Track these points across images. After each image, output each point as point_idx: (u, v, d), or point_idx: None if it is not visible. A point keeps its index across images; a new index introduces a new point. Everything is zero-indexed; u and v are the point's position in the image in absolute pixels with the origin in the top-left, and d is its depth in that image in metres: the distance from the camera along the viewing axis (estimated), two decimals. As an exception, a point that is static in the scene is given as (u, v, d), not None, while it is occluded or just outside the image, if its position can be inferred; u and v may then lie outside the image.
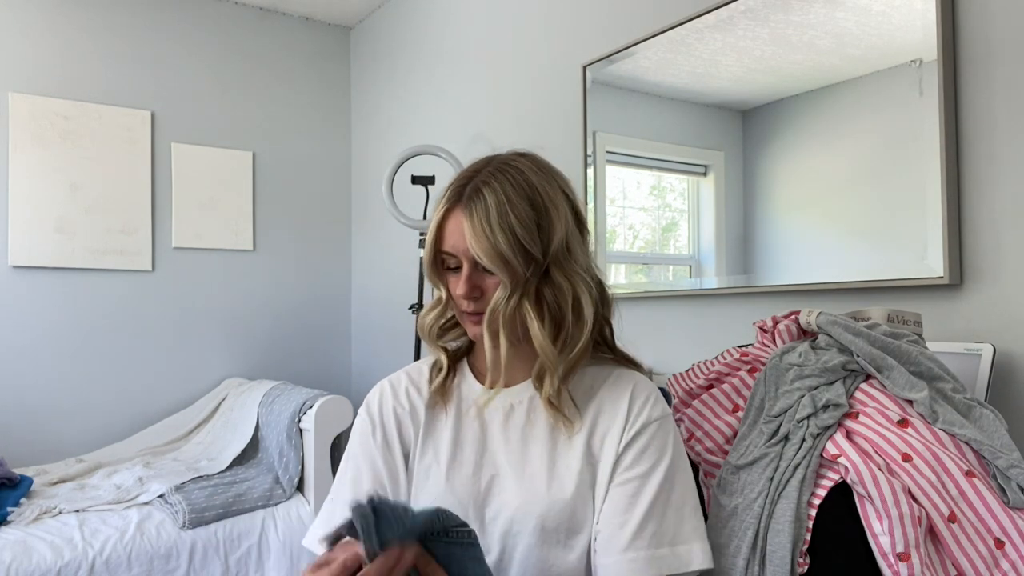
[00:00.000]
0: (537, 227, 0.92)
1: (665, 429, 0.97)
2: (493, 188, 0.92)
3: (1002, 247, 1.28)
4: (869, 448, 0.96)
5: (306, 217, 3.44)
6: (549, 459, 0.95)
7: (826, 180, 1.54)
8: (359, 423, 1.06)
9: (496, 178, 0.94)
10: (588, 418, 0.97)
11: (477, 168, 0.98)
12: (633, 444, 0.94)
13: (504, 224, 0.90)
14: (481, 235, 0.90)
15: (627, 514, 0.91)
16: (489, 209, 0.90)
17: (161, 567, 2.05)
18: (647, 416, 0.96)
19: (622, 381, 1.00)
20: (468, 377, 1.05)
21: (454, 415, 1.02)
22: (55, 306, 2.85)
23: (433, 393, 1.04)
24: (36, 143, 2.81)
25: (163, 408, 3.04)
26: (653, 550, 0.89)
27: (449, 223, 0.95)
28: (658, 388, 1.02)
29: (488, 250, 0.90)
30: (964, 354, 1.24)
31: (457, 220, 0.94)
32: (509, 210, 0.91)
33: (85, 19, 2.94)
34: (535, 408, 0.99)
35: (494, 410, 1.00)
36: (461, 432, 1.00)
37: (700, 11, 1.78)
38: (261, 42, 3.33)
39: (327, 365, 3.48)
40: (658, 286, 1.95)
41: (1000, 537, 0.91)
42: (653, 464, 0.93)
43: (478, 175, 0.95)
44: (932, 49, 1.34)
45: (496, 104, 2.57)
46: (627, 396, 0.98)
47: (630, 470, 0.93)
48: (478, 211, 0.91)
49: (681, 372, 1.26)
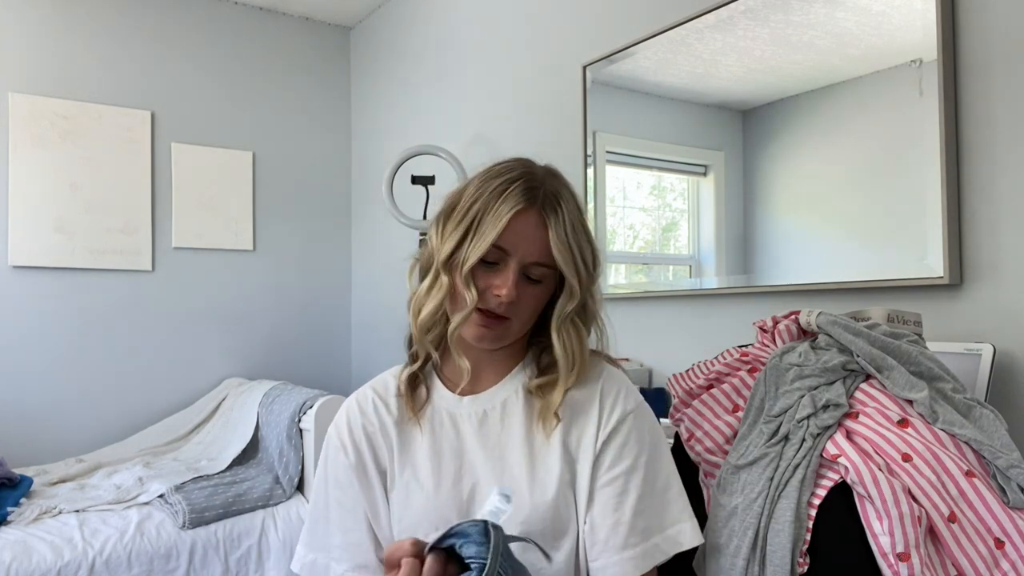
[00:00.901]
0: (591, 248, 0.98)
1: (640, 418, 0.97)
2: (566, 201, 0.95)
3: (1002, 247, 1.28)
4: (869, 448, 0.96)
5: (306, 217, 3.44)
6: (528, 463, 0.95)
7: (826, 180, 1.54)
8: (331, 448, 1.02)
9: (563, 192, 0.96)
10: (565, 417, 0.97)
11: (529, 169, 0.97)
12: (611, 441, 0.95)
13: (579, 240, 0.95)
14: (565, 243, 0.93)
15: (618, 512, 0.91)
16: (567, 220, 0.94)
17: (161, 567, 2.05)
18: (621, 410, 0.96)
19: (591, 375, 1.00)
20: (438, 386, 1.03)
21: (428, 427, 1.00)
22: (55, 306, 2.85)
23: (405, 406, 1.01)
24: (36, 143, 2.81)
25: (163, 408, 3.04)
26: (647, 542, 0.91)
27: (518, 222, 0.92)
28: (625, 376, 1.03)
29: (569, 260, 0.93)
30: (964, 354, 1.24)
31: (529, 221, 0.93)
32: (583, 229, 0.97)
33: (85, 19, 2.94)
34: (508, 412, 0.99)
35: (467, 417, 0.99)
36: (437, 443, 0.98)
37: (700, 11, 1.78)
38: (261, 42, 3.33)
39: (327, 365, 3.48)
40: (658, 286, 1.95)
41: (1000, 537, 0.91)
42: (635, 457, 0.94)
43: (540, 180, 0.95)
44: (932, 49, 1.34)
45: (496, 104, 2.57)
46: (597, 392, 0.98)
47: (613, 468, 0.94)
48: (559, 220, 0.93)
49: (681, 372, 1.26)
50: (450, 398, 1.02)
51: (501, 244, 0.92)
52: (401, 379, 1.04)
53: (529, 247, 0.93)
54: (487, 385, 1.02)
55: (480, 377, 1.01)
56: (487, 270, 0.94)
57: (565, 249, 0.93)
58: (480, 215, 0.93)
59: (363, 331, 3.47)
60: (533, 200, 0.93)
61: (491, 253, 0.93)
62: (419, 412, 1.01)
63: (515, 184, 0.93)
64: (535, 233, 0.93)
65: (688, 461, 1.15)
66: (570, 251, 0.93)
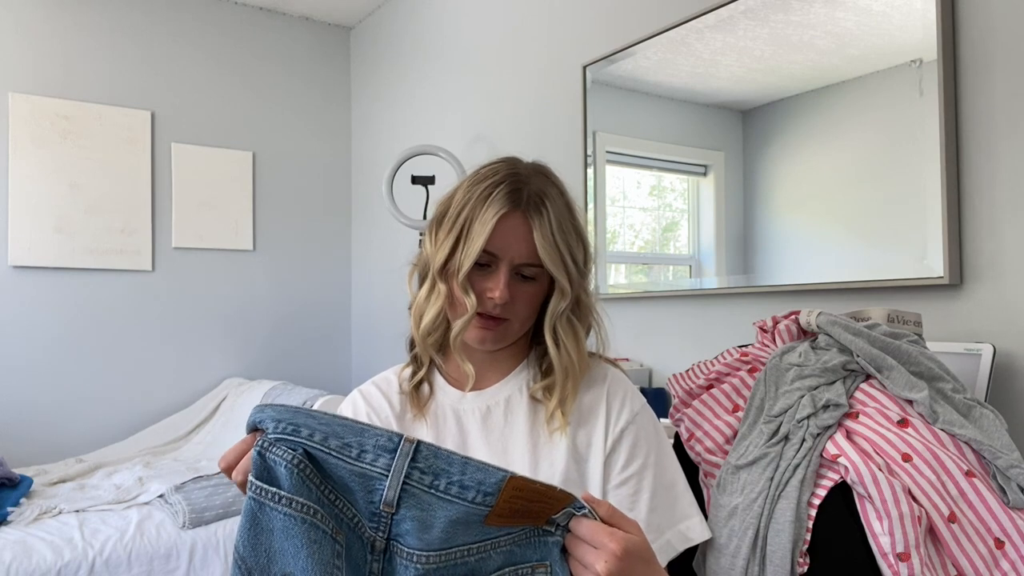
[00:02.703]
0: (581, 244, 0.98)
1: (646, 419, 0.99)
2: (552, 199, 0.95)
3: (1002, 247, 1.28)
4: (869, 448, 0.96)
5: (306, 217, 3.44)
6: (532, 459, 0.95)
7: (826, 180, 1.54)
8: None
9: (549, 190, 0.96)
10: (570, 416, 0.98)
11: (515, 169, 0.97)
12: (621, 443, 0.96)
13: (567, 238, 0.95)
14: (551, 243, 0.93)
15: (633, 512, 0.93)
16: (553, 220, 0.93)
17: (161, 567, 2.05)
18: (629, 412, 0.98)
19: (596, 377, 1.01)
20: (441, 383, 1.04)
21: (432, 422, 1.01)
22: (55, 306, 2.85)
23: (409, 404, 1.03)
24: (36, 143, 2.81)
25: (163, 408, 3.04)
26: (661, 538, 0.93)
27: (505, 225, 0.93)
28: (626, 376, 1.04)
29: (557, 260, 0.93)
30: (964, 354, 1.24)
31: (515, 223, 0.93)
32: (572, 225, 0.96)
33: (85, 19, 2.94)
34: (512, 409, 1.00)
35: (471, 412, 1.00)
36: (440, 438, 1.00)
37: (700, 11, 1.78)
38: (261, 42, 3.33)
39: (327, 365, 3.48)
40: (658, 286, 1.95)
41: (1000, 537, 0.91)
42: (645, 458, 0.96)
43: (525, 181, 0.95)
44: (932, 49, 1.34)
45: (496, 104, 2.57)
46: (603, 394, 0.99)
47: (626, 469, 0.95)
48: (545, 220, 0.93)
49: (681, 372, 1.26)
50: (454, 394, 1.03)
51: (490, 249, 0.93)
52: (403, 378, 1.06)
53: (517, 249, 0.93)
54: (490, 383, 1.02)
55: (483, 375, 1.02)
56: (480, 273, 0.95)
57: (551, 249, 0.93)
58: (469, 221, 0.94)
59: (363, 331, 3.47)
60: (518, 203, 0.93)
61: (482, 257, 0.94)
62: (423, 409, 1.02)
63: (499, 188, 0.94)
64: (522, 235, 0.93)
65: (688, 461, 1.15)
66: (557, 250, 0.93)
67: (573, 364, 0.97)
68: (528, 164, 1.00)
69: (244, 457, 0.74)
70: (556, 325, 0.97)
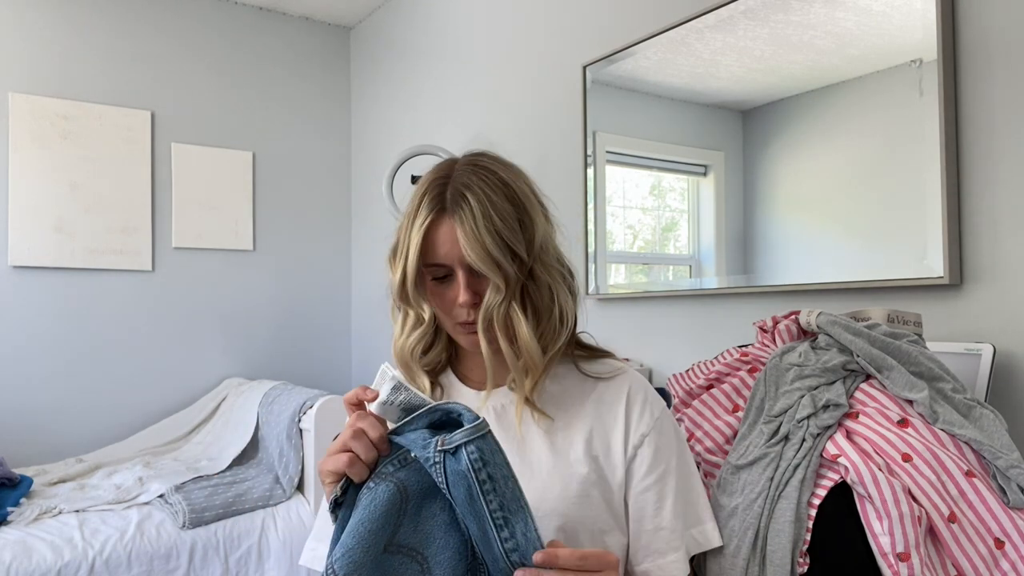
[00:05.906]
0: (520, 225, 0.91)
1: (667, 424, 0.99)
2: (474, 190, 0.90)
3: (1002, 247, 1.28)
4: (869, 448, 0.96)
5: (306, 217, 3.44)
6: (551, 456, 0.95)
7: (826, 180, 1.54)
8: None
9: (472, 179, 0.91)
10: (587, 417, 0.97)
11: (445, 172, 0.94)
12: (643, 447, 0.95)
13: (491, 225, 0.89)
14: (474, 240, 0.88)
15: (658, 518, 0.94)
16: (475, 212, 0.89)
17: (161, 567, 2.05)
18: (650, 417, 0.97)
19: (615, 379, 1.00)
20: (456, 384, 1.03)
21: None
22: (55, 306, 2.85)
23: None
24: (36, 143, 2.81)
25: (163, 408, 3.04)
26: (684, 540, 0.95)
27: (438, 233, 0.91)
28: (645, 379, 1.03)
29: (482, 254, 0.88)
30: (964, 354, 1.24)
31: (447, 228, 0.90)
32: (493, 211, 0.89)
33: (85, 19, 2.94)
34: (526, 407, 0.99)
35: (486, 411, 1.00)
36: None
37: (700, 11, 1.78)
38: (261, 42, 3.33)
39: (327, 365, 3.48)
40: (658, 286, 1.95)
41: (1000, 537, 0.91)
42: (667, 462, 0.96)
43: (451, 179, 0.92)
44: (932, 49, 1.34)
45: (496, 104, 2.57)
46: (624, 397, 0.98)
47: (649, 475, 0.95)
48: (466, 215, 0.88)
49: (681, 372, 1.26)
50: (469, 394, 1.02)
51: (435, 260, 0.92)
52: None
53: (457, 251, 0.90)
54: (505, 380, 1.00)
55: (497, 373, 0.98)
56: (444, 285, 0.94)
57: (476, 244, 0.88)
58: (407, 239, 0.92)
59: (363, 331, 3.47)
60: (441, 206, 0.91)
61: (435, 270, 0.93)
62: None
63: (424, 198, 0.92)
64: (452, 237, 0.90)
65: (688, 461, 1.15)
66: (480, 244, 0.88)
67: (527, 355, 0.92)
68: (464, 158, 0.97)
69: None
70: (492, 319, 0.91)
